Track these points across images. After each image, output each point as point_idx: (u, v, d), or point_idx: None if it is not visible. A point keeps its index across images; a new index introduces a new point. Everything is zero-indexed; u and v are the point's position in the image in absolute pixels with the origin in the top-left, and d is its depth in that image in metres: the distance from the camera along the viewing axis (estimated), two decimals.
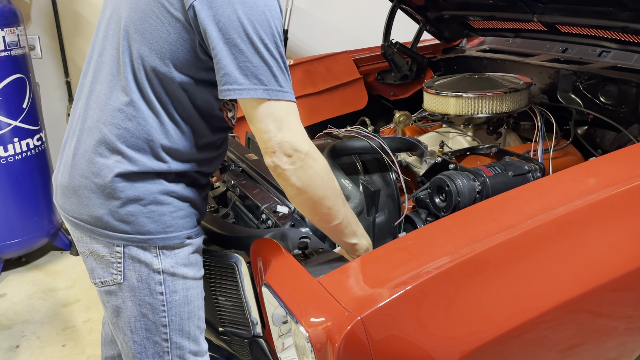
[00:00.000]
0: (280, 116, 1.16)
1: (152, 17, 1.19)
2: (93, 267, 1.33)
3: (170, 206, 1.28)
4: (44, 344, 2.74)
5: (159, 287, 1.30)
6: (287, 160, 1.17)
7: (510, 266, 1.16)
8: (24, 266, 3.49)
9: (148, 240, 1.27)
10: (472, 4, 2.47)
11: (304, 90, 2.68)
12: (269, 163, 1.20)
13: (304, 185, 1.21)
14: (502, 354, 1.16)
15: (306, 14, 5.09)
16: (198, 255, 1.37)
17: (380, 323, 1.04)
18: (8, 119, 3.08)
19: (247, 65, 1.13)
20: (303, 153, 1.18)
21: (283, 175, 1.20)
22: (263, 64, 1.13)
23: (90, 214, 1.27)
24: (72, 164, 1.29)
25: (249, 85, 1.13)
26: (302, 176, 1.20)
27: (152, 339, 1.33)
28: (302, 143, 1.19)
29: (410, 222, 1.71)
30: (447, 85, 2.22)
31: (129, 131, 1.23)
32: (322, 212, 1.27)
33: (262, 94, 1.14)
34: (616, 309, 1.31)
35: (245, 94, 1.13)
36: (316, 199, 1.24)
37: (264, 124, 1.16)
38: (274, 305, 1.18)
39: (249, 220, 1.64)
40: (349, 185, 1.62)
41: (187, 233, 1.31)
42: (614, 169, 1.39)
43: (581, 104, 2.20)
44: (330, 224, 1.30)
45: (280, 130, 1.16)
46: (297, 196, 1.24)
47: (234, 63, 1.13)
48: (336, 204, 1.28)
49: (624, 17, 1.89)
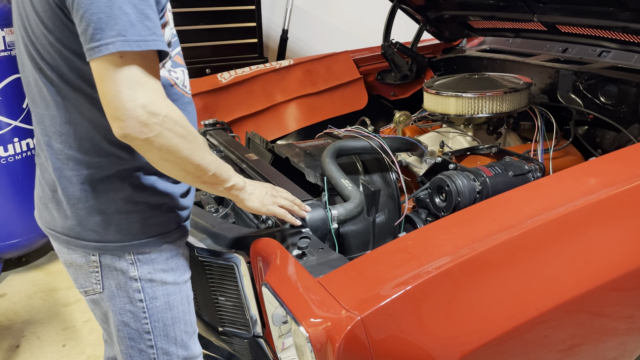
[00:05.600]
0: (132, 73, 1.02)
1: (34, 20, 1.15)
2: (75, 277, 1.32)
3: (139, 214, 1.24)
4: (44, 344, 2.74)
5: (137, 294, 1.27)
6: (142, 130, 1.04)
7: (510, 266, 1.16)
8: (24, 266, 3.49)
9: (121, 248, 1.24)
10: (472, 4, 2.47)
11: (304, 90, 2.69)
12: (118, 132, 1.05)
13: (167, 152, 1.09)
14: (502, 354, 1.16)
15: (306, 14, 5.09)
16: (180, 258, 1.33)
17: (380, 323, 1.04)
18: (8, 119, 3.07)
19: (98, 17, 1.00)
20: (161, 116, 1.05)
21: (140, 147, 1.08)
22: (113, 12, 1.00)
23: (62, 225, 1.26)
24: (40, 177, 1.30)
25: (104, 40, 1.00)
26: (163, 142, 1.07)
27: (136, 346, 1.32)
28: (160, 104, 1.06)
29: (410, 222, 1.71)
30: (447, 85, 2.22)
31: (71, 135, 1.19)
32: (192, 170, 1.15)
33: (120, 46, 1.00)
34: (616, 309, 1.31)
35: (104, 49, 1.00)
36: (183, 159, 1.12)
37: (113, 83, 1.02)
38: (274, 305, 1.18)
39: (249, 220, 1.64)
40: (349, 185, 1.61)
41: (162, 237, 1.27)
42: (614, 169, 1.39)
43: (581, 104, 2.20)
44: (204, 178, 1.19)
45: (132, 90, 1.02)
46: (161, 162, 1.13)
47: (85, 18, 1.01)
48: (204, 157, 1.16)
49: (624, 17, 1.89)
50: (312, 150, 1.93)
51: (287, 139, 2.65)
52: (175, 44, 1.30)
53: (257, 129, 2.50)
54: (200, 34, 4.41)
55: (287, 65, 2.71)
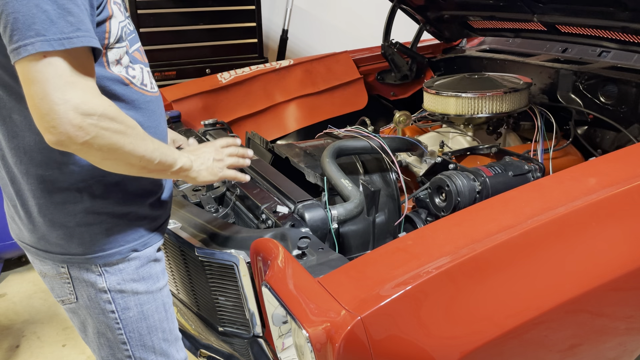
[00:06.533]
0: (59, 73, 0.94)
1: None
2: (52, 287, 1.30)
3: (101, 225, 1.19)
4: (44, 343, 2.74)
5: (108, 305, 1.24)
6: (78, 135, 0.96)
7: (510, 266, 1.16)
8: (24, 266, 3.49)
9: (87, 260, 1.20)
10: (472, 4, 2.47)
11: (304, 90, 2.68)
12: (51, 139, 0.96)
13: (109, 151, 1.02)
14: (502, 354, 1.16)
15: (306, 14, 5.09)
16: (152, 265, 1.29)
17: (380, 323, 1.04)
18: None
19: (14, 17, 0.92)
20: (96, 116, 0.97)
21: (79, 151, 1.01)
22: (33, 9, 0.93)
23: (29, 237, 1.24)
24: (4, 192, 1.27)
25: (22, 41, 0.93)
26: (103, 142, 1.00)
27: (115, 355, 1.30)
28: (94, 103, 0.98)
29: (410, 222, 1.71)
30: (447, 85, 2.22)
31: (21, 148, 1.13)
32: (137, 162, 1.09)
33: (40, 46, 0.92)
34: (616, 309, 1.31)
35: (23, 51, 0.93)
36: (126, 154, 1.05)
37: (39, 86, 0.93)
38: (274, 305, 1.18)
39: (249, 220, 1.64)
40: (349, 185, 1.61)
41: (130, 247, 1.23)
42: (614, 169, 1.39)
43: (581, 104, 2.20)
44: (150, 167, 1.12)
45: (62, 92, 0.94)
46: (104, 161, 1.06)
47: (3, 19, 0.94)
48: (146, 147, 1.09)
49: (624, 17, 1.89)
50: (312, 150, 1.93)
51: (287, 139, 2.65)
52: (132, 40, 1.22)
53: (257, 129, 2.50)
54: (200, 34, 4.42)
55: (287, 65, 2.71)
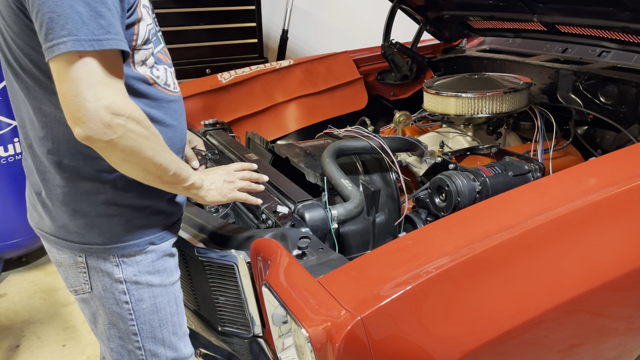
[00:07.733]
0: (93, 72, 0.99)
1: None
2: (66, 276, 1.32)
3: (121, 216, 1.23)
4: (44, 344, 2.74)
5: (123, 296, 1.27)
6: (106, 132, 1.01)
7: (510, 266, 1.16)
8: (24, 266, 3.49)
9: (105, 250, 1.24)
10: (472, 4, 2.47)
11: (304, 90, 2.68)
12: (80, 134, 1.02)
13: (130, 153, 1.07)
14: (502, 354, 1.16)
15: (306, 14, 5.09)
16: (166, 260, 1.32)
17: (380, 323, 1.04)
18: (8, 119, 3.07)
19: (49, 16, 0.98)
20: (125, 117, 1.03)
21: (103, 149, 1.06)
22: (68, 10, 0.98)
23: (49, 226, 1.26)
24: (28, 180, 1.31)
25: (56, 40, 0.98)
26: (127, 143, 1.05)
27: (125, 347, 1.32)
28: (124, 104, 1.03)
29: (410, 222, 1.71)
30: (447, 85, 2.22)
31: (49, 138, 1.18)
32: (154, 170, 1.14)
33: (72, 45, 0.97)
34: (616, 309, 1.31)
35: (56, 49, 0.98)
36: (145, 160, 1.10)
37: (72, 84, 0.99)
38: (274, 305, 1.18)
39: (249, 220, 1.64)
40: (349, 185, 1.62)
41: (147, 240, 1.27)
42: (614, 169, 1.39)
43: (581, 104, 2.20)
44: (165, 178, 1.17)
45: (95, 90, 0.99)
46: (123, 163, 1.10)
47: (39, 18, 0.99)
48: (165, 156, 1.14)
49: (624, 17, 1.89)
50: (312, 150, 1.93)
51: (287, 139, 2.65)
52: (156, 41, 1.27)
53: (257, 129, 2.50)
54: (200, 34, 4.42)
55: (287, 65, 2.71)
